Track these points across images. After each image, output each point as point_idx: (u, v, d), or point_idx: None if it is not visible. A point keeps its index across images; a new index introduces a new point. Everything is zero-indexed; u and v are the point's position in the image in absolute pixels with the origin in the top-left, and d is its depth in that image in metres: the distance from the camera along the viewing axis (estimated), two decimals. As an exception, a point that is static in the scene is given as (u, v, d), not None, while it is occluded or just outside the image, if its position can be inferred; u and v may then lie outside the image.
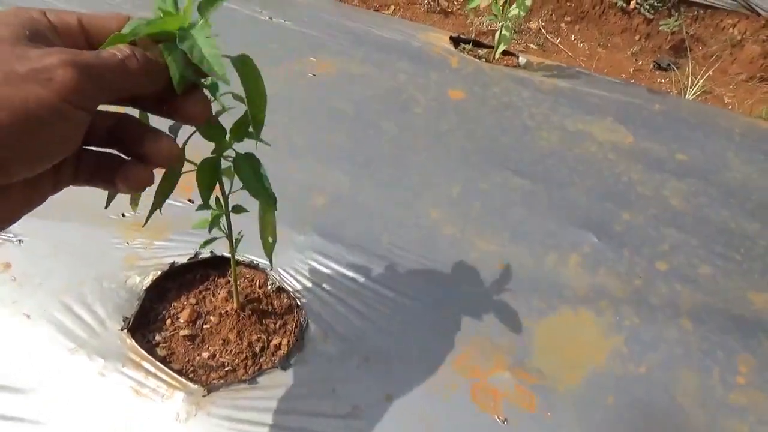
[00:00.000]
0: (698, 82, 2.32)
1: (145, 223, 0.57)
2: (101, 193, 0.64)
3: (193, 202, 1.07)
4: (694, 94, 2.29)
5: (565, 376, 0.91)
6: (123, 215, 1.02)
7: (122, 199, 0.59)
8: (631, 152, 1.39)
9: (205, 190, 0.56)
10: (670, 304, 1.04)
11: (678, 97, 1.77)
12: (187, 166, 0.59)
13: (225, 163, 0.62)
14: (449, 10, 2.65)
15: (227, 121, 0.56)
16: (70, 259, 0.94)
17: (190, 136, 0.55)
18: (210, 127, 0.56)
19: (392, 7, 2.62)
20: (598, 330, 0.98)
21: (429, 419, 0.83)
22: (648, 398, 0.90)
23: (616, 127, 1.47)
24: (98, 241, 0.98)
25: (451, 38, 1.72)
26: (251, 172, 0.56)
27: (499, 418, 0.84)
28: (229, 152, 0.59)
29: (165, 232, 1.00)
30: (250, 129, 0.57)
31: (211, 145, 0.59)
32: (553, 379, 0.90)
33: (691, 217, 1.24)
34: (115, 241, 0.98)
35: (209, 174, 0.56)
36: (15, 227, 0.97)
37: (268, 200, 0.56)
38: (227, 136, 0.57)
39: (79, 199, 1.03)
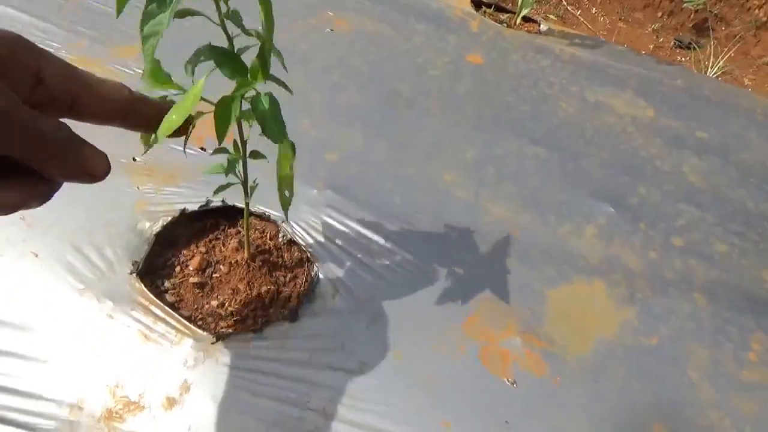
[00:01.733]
0: (719, 62, 2.27)
1: (145, 152, 0.54)
2: (111, 136, 0.62)
3: (204, 150, 1.04)
4: (714, 74, 2.24)
5: (575, 344, 0.90)
6: (134, 159, 1.00)
7: (133, 143, 0.57)
8: (651, 127, 1.36)
9: (222, 128, 0.54)
10: (684, 279, 1.03)
11: (701, 75, 1.73)
12: (202, 109, 0.57)
13: (244, 106, 0.60)
14: (468, -25, 2.58)
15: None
16: (80, 202, 0.93)
17: (210, 72, 0.53)
18: (231, 62, 0.54)
19: (410, -31, 2.55)
20: (611, 301, 0.97)
21: (436, 378, 0.83)
22: (658, 370, 0.89)
23: (636, 100, 1.44)
24: (108, 184, 0.95)
25: (472, 1, 1.68)
26: (270, 110, 0.54)
27: (508, 381, 0.84)
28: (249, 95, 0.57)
29: (175, 179, 0.98)
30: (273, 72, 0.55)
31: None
32: (564, 347, 0.89)
33: (709, 194, 1.22)
34: (125, 185, 0.96)
35: (227, 111, 0.53)
36: (24, 166, 0.95)
37: (280, 135, 0.54)
38: (248, 76, 0.55)
39: (90, 140, 1.01)
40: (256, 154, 0.72)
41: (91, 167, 0.33)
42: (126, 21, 1.26)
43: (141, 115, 0.36)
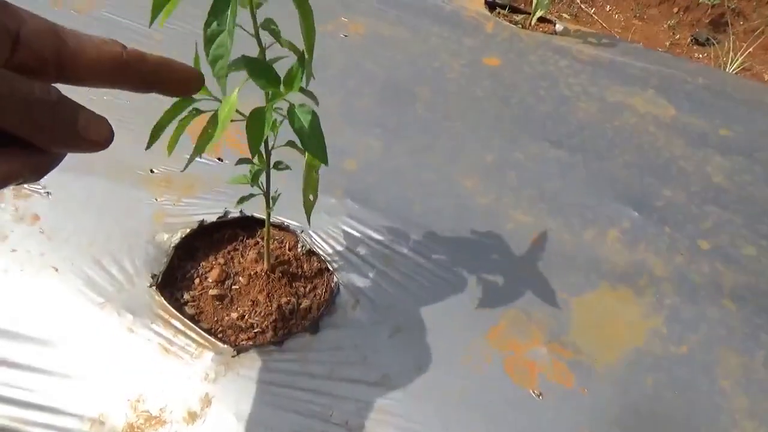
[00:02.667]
0: (738, 58, 2.23)
1: (186, 167, 0.54)
2: (129, 148, 0.62)
3: (222, 161, 1.04)
4: (733, 70, 2.20)
5: (602, 353, 0.88)
6: (151, 171, 0.99)
7: (149, 154, 0.57)
8: (673, 126, 1.33)
9: (256, 141, 0.53)
10: (712, 283, 1.01)
11: (722, 71, 1.70)
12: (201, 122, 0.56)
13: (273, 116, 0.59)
14: (481, -25, 2.56)
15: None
16: (98, 214, 0.92)
17: (244, 83, 0.52)
18: (264, 73, 0.53)
19: (422, -29, 2.53)
20: (638, 308, 0.95)
21: (461, 391, 0.81)
22: (688, 379, 0.87)
23: (657, 99, 1.41)
24: (126, 196, 0.95)
25: (486, 2, 1.66)
26: (309, 122, 0.53)
27: (534, 392, 0.82)
28: (278, 105, 0.56)
29: (193, 190, 0.98)
30: (303, 82, 0.54)
31: (255, 102, 0.56)
32: (591, 356, 0.87)
33: (735, 195, 1.19)
34: (143, 197, 0.96)
35: (260, 123, 0.52)
36: (44, 179, 0.95)
37: (323, 156, 0.53)
38: (281, 87, 0.54)
39: (107, 152, 1.00)
40: (279, 165, 0.71)
41: (90, 132, 0.30)
42: (144, 32, 1.27)
43: (137, 75, 0.33)
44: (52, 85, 0.29)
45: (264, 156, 0.69)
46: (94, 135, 0.30)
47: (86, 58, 0.31)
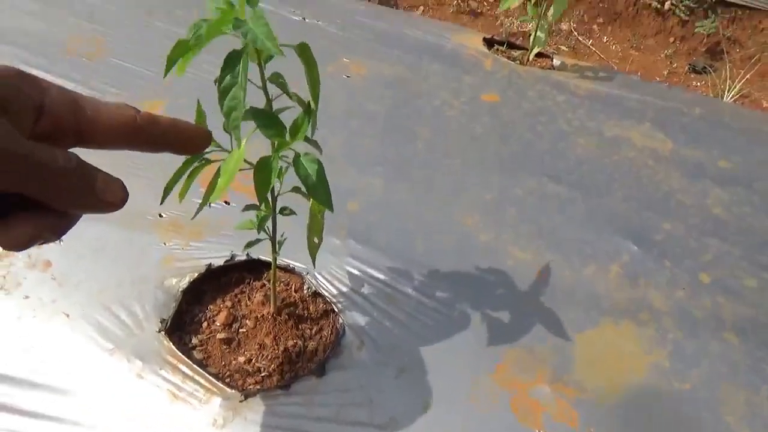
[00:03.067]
0: (735, 85, 2.26)
1: (197, 212, 0.57)
2: (139, 193, 0.65)
3: (229, 204, 1.06)
4: (731, 97, 2.23)
5: (606, 391, 0.88)
6: (160, 215, 1.02)
7: (158, 199, 0.59)
8: (671, 159, 1.36)
9: (263, 189, 0.55)
10: (713, 317, 1.01)
11: (719, 101, 1.73)
12: (210, 169, 0.59)
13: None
14: (479, 10, 2.62)
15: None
16: (108, 260, 0.95)
17: (251, 133, 0.55)
18: (272, 124, 0.56)
19: (421, 7, 2.60)
20: (640, 343, 0.96)
21: (467, 431, 0.82)
22: (693, 415, 0.87)
23: (654, 132, 1.43)
24: (136, 241, 0.98)
25: (485, 39, 1.70)
26: (315, 172, 0.55)
27: (539, 433, 0.82)
28: (284, 153, 0.59)
29: (201, 234, 1.00)
30: (308, 132, 0.57)
31: (260, 148, 0.58)
32: (595, 394, 0.88)
33: (734, 226, 1.20)
34: (152, 241, 0.98)
35: (267, 173, 0.55)
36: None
37: (328, 203, 0.56)
38: (287, 136, 0.57)
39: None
40: (286, 210, 0.74)
41: (107, 195, 0.32)
42: (151, 77, 1.31)
43: (149, 137, 0.35)
44: (70, 150, 0.32)
45: (270, 202, 0.72)
46: (111, 197, 0.33)
47: (103, 124, 0.34)
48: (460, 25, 2.45)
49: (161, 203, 0.63)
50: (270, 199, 0.71)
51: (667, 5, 2.51)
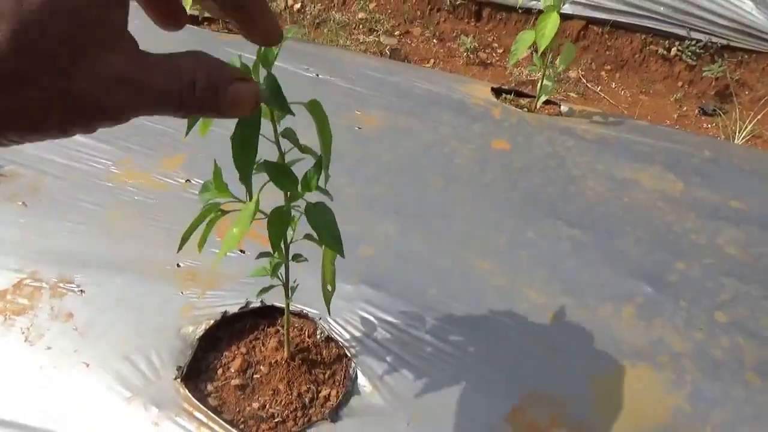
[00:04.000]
0: (747, 126, 2.27)
1: (217, 263, 0.59)
2: (158, 244, 0.68)
3: (244, 253, 1.09)
4: (743, 138, 2.24)
5: (625, 434, 0.87)
6: (178, 265, 1.05)
7: (176, 249, 0.62)
8: (682, 200, 1.36)
9: (277, 238, 0.58)
10: (734, 358, 1.00)
11: (728, 142, 1.74)
12: (225, 220, 0.62)
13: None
14: (488, 61, 2.71)
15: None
16: (127, 310, 0.97)
17: (264, 185, 0.58)
18: (284, 176, 0.59)
19: (432, 60, 2.69)
20: (659, 386, 0.94)
21: (483, 478, 0.80)
22: (717, 460, 0.85)
23: (664, 174, 1.44)
24: (155, 291, 1.00)
25: (493, 89, 1.75)
26: (326, 221, 0.58)
27: (557, 479, 0.81)
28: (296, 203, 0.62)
29: (217, 282, 1.02)
30: (320, 182, 0.60)
31: (275, 199, 0.61)
32: (613, 438, 0.86)
33: (750, 266, 1.19)
34: (170, 291, 1.01)
35: (281, 223, 0.58)
36: (77, 277, 1.01)
37: (340, 250, 0.58)
38: (299, 187, 0.60)
39: (137, 250, 1.07)
40: (297, 257, 0.76)
41: (237, 108, 0.34)
42: (170, 134, 1.37)
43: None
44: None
45: (283, 250, 0.74)
46: (241, 108, 0.34)
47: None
48: (470, 76, 2.53)
49: (178, 251, 0.66)
50: (283, 247, 0.74)
51: (673, 51, 2.56)
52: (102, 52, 0.27)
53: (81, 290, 1.00)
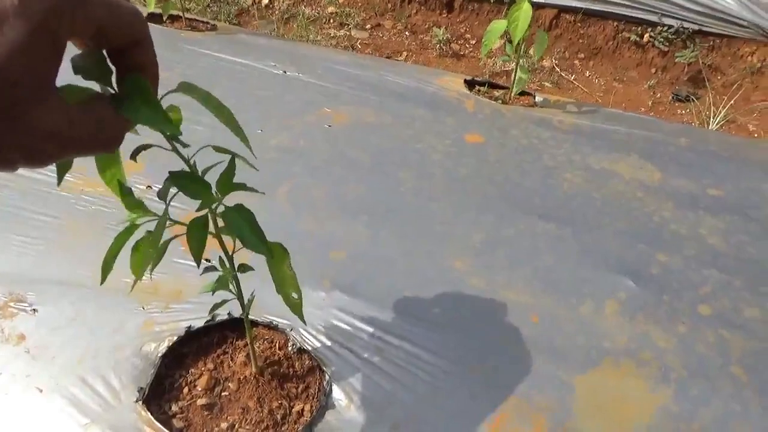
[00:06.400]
0: (721, 111, 2.27)
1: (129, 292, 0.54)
2: (117, 258, 0.63)
3: (210, 262, 1.03)
4: (717, 124, 2.23)
5: (611, 438, 0.83)
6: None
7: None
8: (661, 189, 1.34)
9: (196, 251, 0.53)
10: (719, 352, 0.97)
11: (704, 129, 1.73)
12: (182, 228, 0.57)
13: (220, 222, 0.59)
14: (461, 53, 2.67)
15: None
16: (84, 328, 0.91)
17: (173, 196, 0.53)
18: (192, 184, 0.54)
19: (404, 53, 2.64)
20: (643, 384, 0.91)
21: (466, 492, 0.76)
22: (705, 461, 0.82)
23: (642, 163, 1.42)
24: (113, 307, 0.94)
25: (466, 81, 1.71)
26: (244, 222, 0.53)
27: (542, 489, 0.77)
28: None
29: (181, 295, 0.97)
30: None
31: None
32: (599, 442, 0.83)
33: (732, 257, 1.17)
34: (130, 306, 0.95)
35: (198, 233, 0.53)
36: (30, 295, 0.94)
37: (263, 250, 0.54)
38: (214, 190, 0.55)
39: (94, 263, 1.01)
40: (244, 267, 0.71)
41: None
42: (130, 137, 1.30)
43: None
44: None
45: (226, 261, 0.69)
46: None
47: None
48: (444, 68, 2.49)
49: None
50: (226, 258, 0.69)
51: (645, 38, 2.55)
52: (30, 109, 0.30)
53: (33, 309, 0.93)
